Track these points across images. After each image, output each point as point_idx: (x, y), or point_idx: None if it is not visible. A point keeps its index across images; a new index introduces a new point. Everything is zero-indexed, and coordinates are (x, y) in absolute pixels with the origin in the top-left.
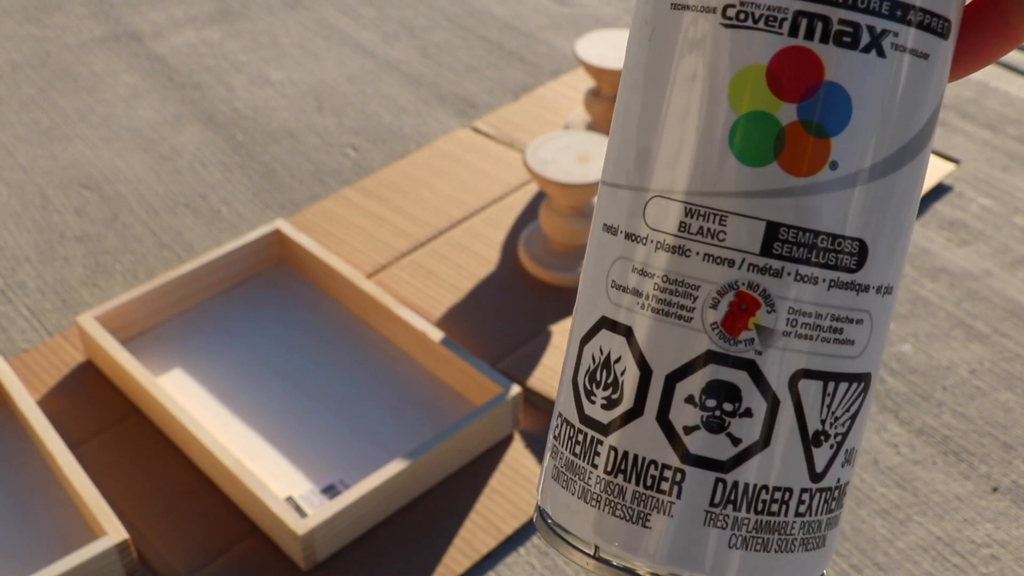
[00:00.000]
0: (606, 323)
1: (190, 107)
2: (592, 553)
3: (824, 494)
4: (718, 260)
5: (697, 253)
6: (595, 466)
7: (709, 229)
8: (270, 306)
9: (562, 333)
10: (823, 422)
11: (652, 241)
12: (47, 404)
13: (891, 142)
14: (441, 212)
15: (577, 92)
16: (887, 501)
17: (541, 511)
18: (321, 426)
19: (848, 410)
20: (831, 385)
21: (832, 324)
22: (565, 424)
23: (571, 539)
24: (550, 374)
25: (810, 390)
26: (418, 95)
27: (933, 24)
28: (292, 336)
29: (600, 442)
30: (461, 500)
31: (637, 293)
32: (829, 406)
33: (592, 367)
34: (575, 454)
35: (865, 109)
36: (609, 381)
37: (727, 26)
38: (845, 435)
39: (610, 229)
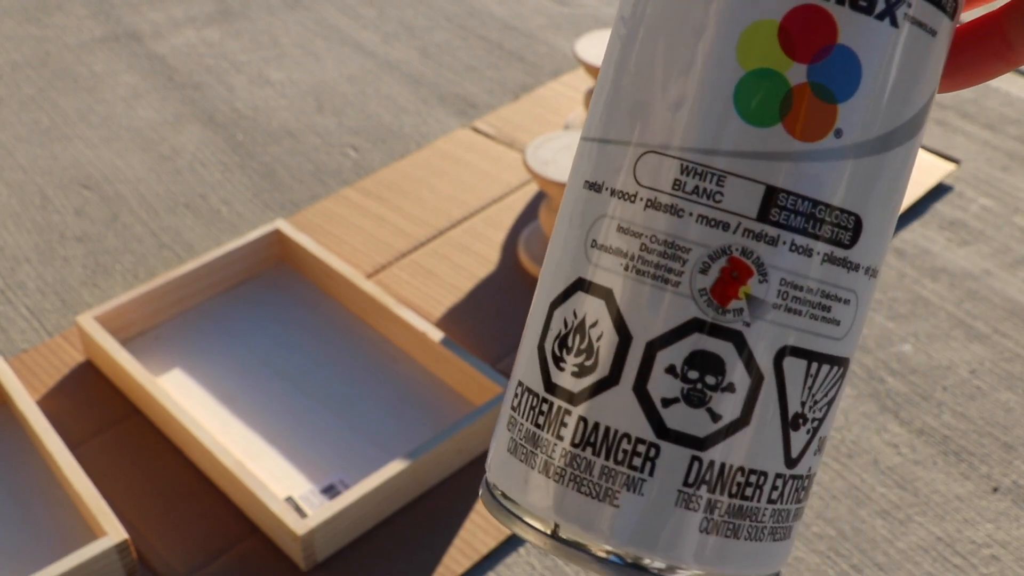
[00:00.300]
0: (582, 285)
1: (190, 107)
2: (550, 532)
3: (796, 482)
4: (712, 222)
5: (691, 214)
6: (560, 438)
7: (705, 189)
8: (270, 306)
9: None
10: (803, 404)
11: (642, 199)
12: (47, 404)
13: (893, 117)
14: (441, 212)
15: (577, 92)
16: (887, 501)
17: (489, 485)
18: (321, 426)
19: (827, 395)
20: (814, 366)
21: (821, 301)
22: (527, 393)
23: (526, 516)
24: None
25: (794, 369)
26: (418, 95)
27: (944, 1)
28: (292, 336)
29: (568, 412)
30: (461, 500)
31: (621, 254)
32: (810, 388)
33: (563, 331)
34: (538, 425)
35: (873, 78)
36: (583, 347)
37: None
38: (821, 421)
39: (593, 186)
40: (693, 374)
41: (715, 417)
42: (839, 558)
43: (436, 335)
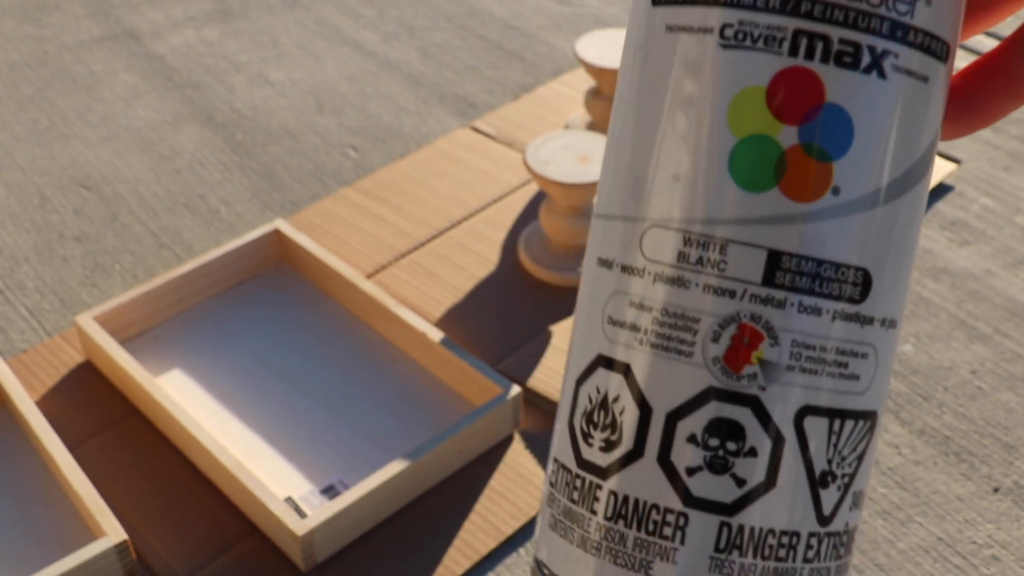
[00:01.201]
0: (602, 361)
1: (189, 107)
2: None
3: (832, 539)
4: (719, 291)
5: (697, 284)
6: (594, 512)
7: (709, 259)
8: (270, 306)
9: (562, 333)
10: (830, 462)
11: (650, 273)
12: (46, 405)
13: (893, 168)
14: (441, 212)
15: (577, 92)
16: (888, 502)
17: (539, 563)
18: (321, 426)
19: (855, 449)
20: (837, 423)
21: (837, 358)
22: (562, 470)
23: None
24: (550, 374)
25: (816, 428)
26: (418, 95)
27: (933, 46)
28: (292, 336)
29: (599, 487)
30: (461, 501)
31: (635, 328)
32: (836, 445)
33: (589, 408)
34: (573, 500)
35: (867, 132)
36: (607, 422)
37: (725, 47)
38: (852, 476)
39: (605, 263)
40: (714, 441)
41: (740, 482)
42: None
43: (436, 335)
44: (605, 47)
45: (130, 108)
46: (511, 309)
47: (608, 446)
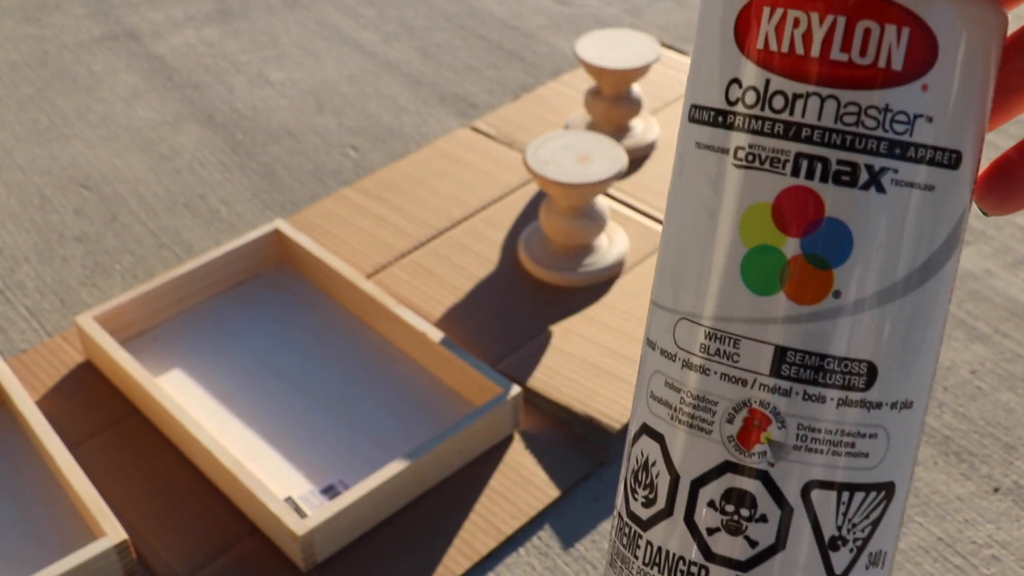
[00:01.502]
0: (646, 429)
1: (189, 107)
2: None
3: None
4: (733, 379)
5: (715, 372)
6: (636, 557)
7: (725, 351)
8: (270, 306)
9: (562, 333)
10: (839, 528)
11: (680, 359)
12: (46, 404)
13: (898, 269)
14: (441, 212)
15: (577, 92)
16: None
17: None
18: (321, 426)
19: (868, 516)
20: (845, 495)
21: (843, 439)
22: (619, 516)
23: None
24: (550, 374)
25: (823, 499)
26: (418, 95)
27: (938, 158)
28: (292, 336)
29: (640, 536)
30: (461, 501)
31: (668, 405)
32: (845, 514)
33: (636, 467)
34: (623, 544)
35: (866, 241)
36: (647, 482)
37: (738, 166)
38: (866, 539)
39: (651, 344)
40: (730, 508)
41: (752, 544)
42: None
43: (436, 335)
44: (605, 47)
45: (130, 108)
46: (511, 309)
47: (647, 503)
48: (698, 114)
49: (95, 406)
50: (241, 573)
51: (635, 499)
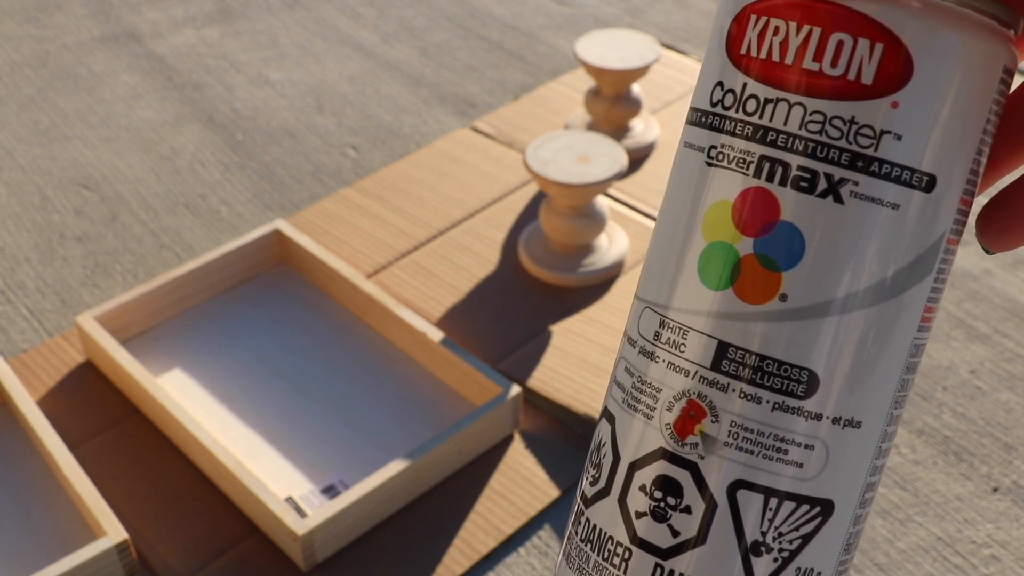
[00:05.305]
0: (605, 412)
1: (190, 107)
2: None
3: None
4: (677, 369)
5: (663, 360)
6: (576, 533)
7: (674, 340)
8: (270, 306)
9: (562, 333)
10: (764, 534)
11: (638, 345)
12: (46, 404)
13: (851, 283)
14: (441, 212)
15: (577, 92)
16: (887, 501)
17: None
18: (321, 426)
19: (797, 529)
20: (773, 501)
21: (776, 444)
22: (577, 496)
23: None
24: (550, 374)
25: (749, 500)
26: (418, 95)
27: (905, 177)
28: (292, 336)
29: (583, 512)
30: (461, 500)
31: (623, 389)
32: (772, 520)
33: (592, 448)
34: (572, 520)
35: (819, 249)
36: (597, 462)
37: (709, 164)
38: (794, 552)
39: (625, 333)
40: (658, 494)
41: (675, 533)
42: None
43: (436, 335)
44: (605, 47)
45: (130, 108)
46: (511, 309)
47: (593, 481)
48: (692, 116)
49: (95, 406)
50: (241, 573)
51: (586, 478)
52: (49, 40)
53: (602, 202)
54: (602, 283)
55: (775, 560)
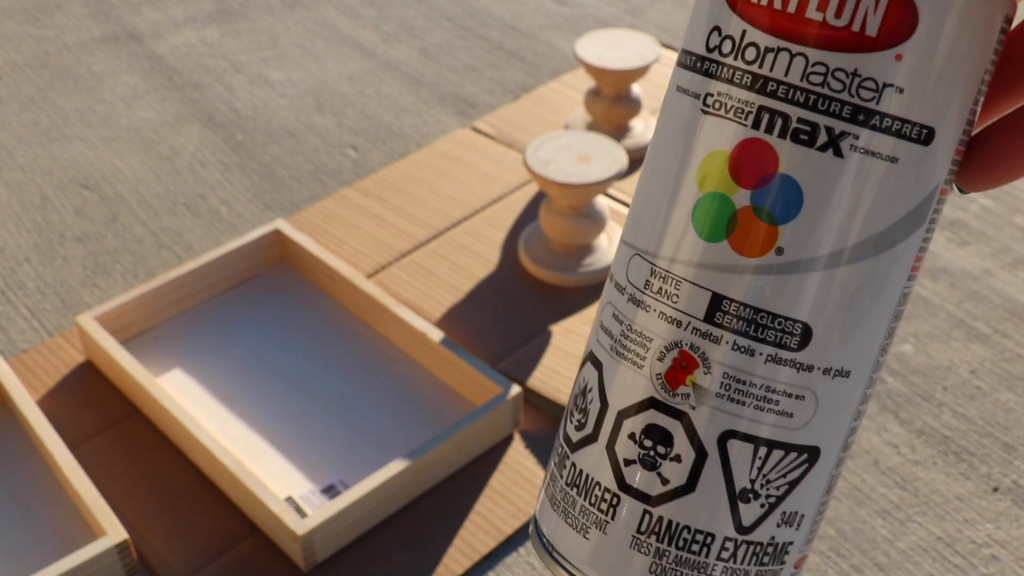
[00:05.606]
0: (591, 357)
1: (190, 107)
2: (548, 552)
3: (752, 547)
4: (669, 319)
5: (654, 310)
6: (561, 476)
7: (666, 291)
8: (270, 306)
9: (562, 333)
10: (752, 482)
11: (627, 293)
12: (47, 404)
13: (848, 236)
14: (441, 212)
15: (577, 92)
16: (887, 501)
17: (536, 518)
18: (321, 426)
19: (785, 476)
20: (763, 450)
21: (768, 395)
22: (557, 439)
23: (542, 538)
24: (550, 374)
25: (739, 450)
26: (418, 95)
27: (905, 131)
28: (292, 336)
29: (568, 456)
30: (461, 500)
31: (611, 336)
32: (760, 468)
33: (576, 392)
34: (555, 463)
35: (817, 203)
36: (582, 407)
37: (705, 112)
38: (780, 498)
39: (611, 278)
40: (648, 442)
41: (664, 481)
42: (839, 558)
43: (436, 335)
44: (605, 47)
45: (131, 108)
46: (511, 309)
47: (579, 427)
48: (684, 59)
49: (96, 406)
50: (241, 573)
51: (571, 422)
52: (49, 40)
53: (602, 202)
54: (602, 283)
55: (762, 506)
